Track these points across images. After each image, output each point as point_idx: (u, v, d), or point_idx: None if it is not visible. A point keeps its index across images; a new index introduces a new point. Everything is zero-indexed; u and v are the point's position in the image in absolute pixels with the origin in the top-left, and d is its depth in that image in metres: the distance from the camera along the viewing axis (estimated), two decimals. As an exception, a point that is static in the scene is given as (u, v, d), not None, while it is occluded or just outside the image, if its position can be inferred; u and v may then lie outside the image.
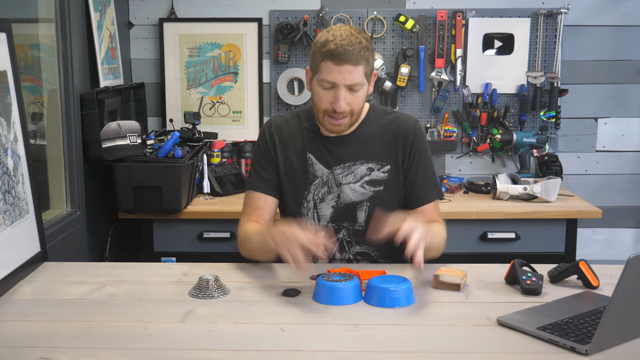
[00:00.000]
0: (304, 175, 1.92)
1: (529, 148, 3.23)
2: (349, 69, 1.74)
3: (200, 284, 1.63)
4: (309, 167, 1.92)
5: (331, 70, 1.75)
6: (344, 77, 1.75)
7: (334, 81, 1.76)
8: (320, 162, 1.92)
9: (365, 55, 1.76)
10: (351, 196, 1.91)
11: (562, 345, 1.33)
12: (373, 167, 1.90)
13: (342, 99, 1.77)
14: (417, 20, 3.22)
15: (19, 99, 1.85)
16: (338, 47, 1.73)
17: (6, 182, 1.72)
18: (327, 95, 1.79)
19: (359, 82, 1.77)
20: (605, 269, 1.75)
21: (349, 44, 1.73)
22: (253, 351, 1.33)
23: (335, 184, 1.91)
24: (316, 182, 1.92)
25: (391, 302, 1.55)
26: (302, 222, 1.92)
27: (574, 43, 3.30)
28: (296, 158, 1.93)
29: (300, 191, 1.93)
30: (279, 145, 1.94)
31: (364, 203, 1.91)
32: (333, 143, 1.91)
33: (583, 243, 3.34)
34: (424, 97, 3.33)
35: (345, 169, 1.91)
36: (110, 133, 2.67)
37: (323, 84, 1.79)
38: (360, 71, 1.76)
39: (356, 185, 1.90)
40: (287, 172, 1.93)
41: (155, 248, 2.87)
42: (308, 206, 1.93)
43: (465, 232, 2.86)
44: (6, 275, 1.67)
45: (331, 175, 1.91)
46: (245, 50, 3.33)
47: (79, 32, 2.63)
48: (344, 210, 1.92)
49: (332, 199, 1.92)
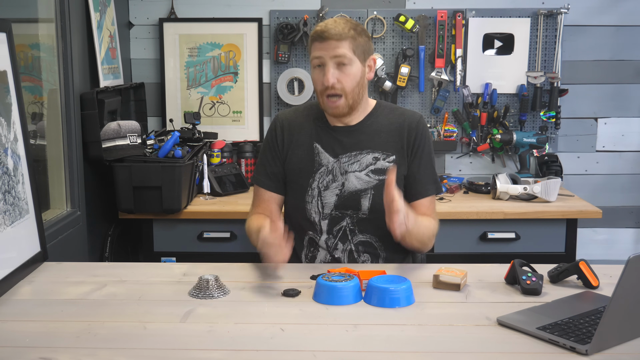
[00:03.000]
0: (309, 164, 1.98)
1: (529, 148, 3.23)
2: (333, 44, 1.84)
3: (200, 284, 1.63)
4: (315, 156, 1.98)
5: (317, 48, 1.87)
6: (327, 52, 1.85)
7: (319, 56, 1.87)
8: (327, 151, 1.97)
9: (350, 33, 1.85)
10: (356, 184, 1.95)
11: (562, 345, 1.33)
12: (378, 156, 1.95)
13: (330, 73, 1.85)
14: (417, 20, 3.22)
15: (19, 99, 1.85)
16: (322, 27, 1.87)
17: (6, 182, 1.72)
18: (319, 75, 1.89)
19: (343, 55, 1.85)
20: (605, 269, 1.75)
21: (332, 24, 1.86)
22: (253, 351, 1.33)
23: (340, 172, 1.96)
24: (321, 170, 1.97)
25: (391, 302, 1.55)
26: (303, 211, 1.99)
27: (574, 43, 3.30)
28: (303, 148, 1.99)
29: (306, 179, 1.98)
30: (287, 138, 2.01)
31: (368, 191, 1.95)
32: (340, 133, 1.98)
33: (583, 243, 3.33)
34: (424, 97, 3.33)
35: (352, 158, 1.96)
36: (110, 133, 2.67)
37: (313, 62, 1.89)
38: (345, 46, 1.85)
39: (361, 173, 1.95)
40: (294, 162, 1.99)
41: (155, 248, 2.87)
42: (312, 194, 1.97)
43: (465, 232, 2.86)
44: (6, 275, 1.67)
45: (336, 164, 1.96)
46: (245, 50, 3.33)
47: (79, 32, 2.63)
48: (348, 198, 1.96)
49: (336, 187, 1.96)
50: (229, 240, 2.85)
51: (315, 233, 1.99)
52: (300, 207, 1.99)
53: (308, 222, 1.99)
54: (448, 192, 3.12)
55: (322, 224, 1.98)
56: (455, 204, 2.94)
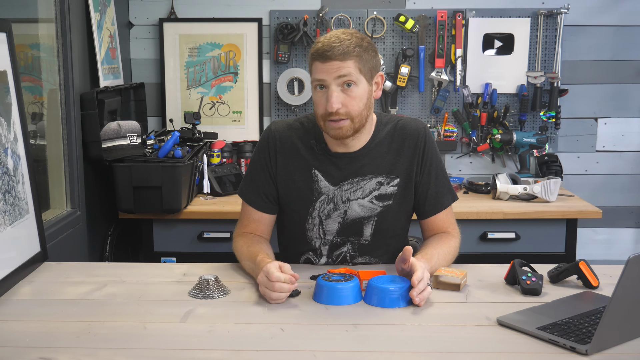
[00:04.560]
0: (308, 192, 1.85)
1: (529, 148, 3.23)
2: (336, 64, 1.68)
3: (200, 284, 1.63)
4: (314, 183, 1.85)
5: (319, 69, 1.71)
6: (330, 74, 1.69)
7: (322, 78, 1.70)
8: (327, 178, 1.84)
9: (356, 51, 1.69)
10: (359, 212, 1.85)
11: (562, 345, 1.33)
12: (382, 181, 1.84)
13: (334, 97, 1.69)
14: (417, 20, 3.22)
15: (19, 99, 1.85)
16: (324, 45, 1.69)
17: (6, 182, 1.72)
18: (322, 98, 1.72)
19: (348, 75, 1.69)
20: (605, 269, 1.75)
21: (335, 41, 1.69)
22: (253, 351, 1.33)
23: (342, 201, 1.85)
24: (321, 199, 1.85)
25: (391, 302, 1.55)
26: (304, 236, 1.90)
27: (574, 43, 3.30)
28: (300, 173, 1.86)
29: (305, 208, 1.86)
30: (281, 160, 1.86)
31: (371, 218, 1.86)
32: (341, 159, 1.84)
33: (583, 243, 3.34)
34: (424, 97, 3.33)
35: (354, 185, 1.84)
36: (110, 133, 2.67)
37: (315, 84, 1.74)
38: (349, 66, 1.68)
39: (365, 200, 1.84)
40: (290, 187, 1.87)
41: (155, 248, 2.87)
42: (313, 222, 1.87)
43: (465, 232, 2.82)
44: (6, 275, 1.67)
45: (337, 192, 1.85)
46: (245, 50, 3.33)
47: (79, 32, 2.63)
48: (351, 225, 1.87)
49: (338, 215, 1.86)
50: (229, 240, 2.85)
51: (314, 255, 1.91)
52: (301, 232, 1.89)
53: (309, 245, 1.91)
54: (448, 192, 3.12)
55: (322, 249, 1.90)
56: (455, 204, 2.93)
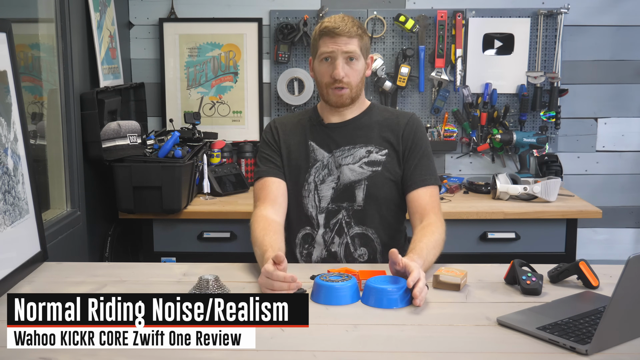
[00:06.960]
0: (305, 161, 2.04)
1: (529, 148, 3.23)
2: (344, 40, 1.94)
3: (200, 284, 1.63)
4: (310, 153, 2.04)
5: (328, 43, 1.95)
6: (339, 47, 1.94)
7: (331, 51, 1.94)
8: (322, 147, 2.04)
9: (357, 31, 1.96)
10: (350, 176, 2.01)
11: (562, 345, 1.33)
12: (372, 149, 2.02)
13: (340, 67, 1.94)
14: (417, 20, 3.22)
15: (19, 99, 1.85)
16: (332, 23, 1.95)
17: (6, 182, 1.72)
18: (327, 68, 1.97)
19: (354, 51, 1.95)
20: (605, 269, 1.75)
21: (341, 21, 1.96)
22: (253, 351, 1.33)
23: (335, 166, 2.02)
24: (317, 165, 2.03)
25: (389, 303, 1.54)
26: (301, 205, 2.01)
27: (574, 43, 3.30)
28: (298, 147, 2.05)
29: (302, 175, 2.03)
30: (282, 137, 2.07)
31: (362, 182, 2.01)
32: (334, 130, 2.05)
33: (583, 243, 3.33)
34: (424, 97, 3.33)
35: (345, 152, 2.03)
36: (110, 133, 2.67)
37: (322, 57, 1.96)
38: (354, 43, 1.95)
39: (355, 165, 2.01)
40: (290, 160, 2.04)
41: (155, 248, 2.87)
42: (309, 188, 2.03)
43: (465, 232, 2.86)
44: (6, 275, 1.67)
45: (331, 159, 2.03)
46: (245, 50, 3.33)
47: (79, 32, 2.63)
48: (343, 191, 2.02)
49: (332, 180, 2.02)
50: (229, 240, 2.85)
51: (312, 228, 2.03)
52: (297, 202, 2.03)
53: (305, 217, 2.03)
54: (448, 192, 3.12)
55: (319, 218, 2.02)
56: (455, 204, 2.94)
